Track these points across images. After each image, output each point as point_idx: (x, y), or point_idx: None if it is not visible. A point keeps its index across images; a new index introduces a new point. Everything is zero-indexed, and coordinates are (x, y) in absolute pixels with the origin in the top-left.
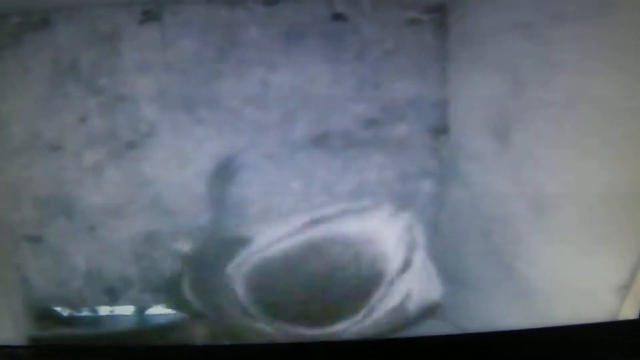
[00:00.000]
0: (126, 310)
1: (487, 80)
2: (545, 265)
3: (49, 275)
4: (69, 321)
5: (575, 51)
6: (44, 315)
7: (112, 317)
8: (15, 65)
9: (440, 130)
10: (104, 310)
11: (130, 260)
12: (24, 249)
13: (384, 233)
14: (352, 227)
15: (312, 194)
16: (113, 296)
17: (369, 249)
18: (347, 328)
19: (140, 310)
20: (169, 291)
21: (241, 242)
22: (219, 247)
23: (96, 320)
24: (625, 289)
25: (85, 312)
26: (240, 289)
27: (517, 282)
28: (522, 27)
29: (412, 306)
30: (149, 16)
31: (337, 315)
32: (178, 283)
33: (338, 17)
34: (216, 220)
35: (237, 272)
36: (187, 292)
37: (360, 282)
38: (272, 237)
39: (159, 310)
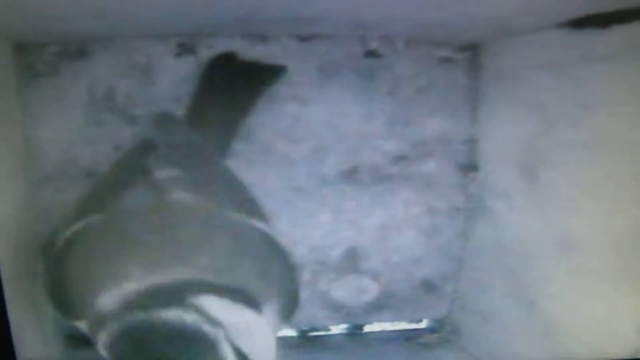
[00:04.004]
0: None
1: (517, 119)
2: (569, 302)
3: None
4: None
5: (605, 92)
6: (74, 335)
7: None
8: (52, 93)
9: (469, 167)
10: None
11: None
12: None
13: None
14: None
15: (340, 227)
16: None
17: None
18: None
19: None
20: None
21: None
22: None
23: None
24: None
25: None
26: None
27: (540, 318)
28: (553, 67)
29: None
30: (185, 49)
31: None
32: None
33: (371, 54)
34: None
35: None
36: None
37: None
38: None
39: None
